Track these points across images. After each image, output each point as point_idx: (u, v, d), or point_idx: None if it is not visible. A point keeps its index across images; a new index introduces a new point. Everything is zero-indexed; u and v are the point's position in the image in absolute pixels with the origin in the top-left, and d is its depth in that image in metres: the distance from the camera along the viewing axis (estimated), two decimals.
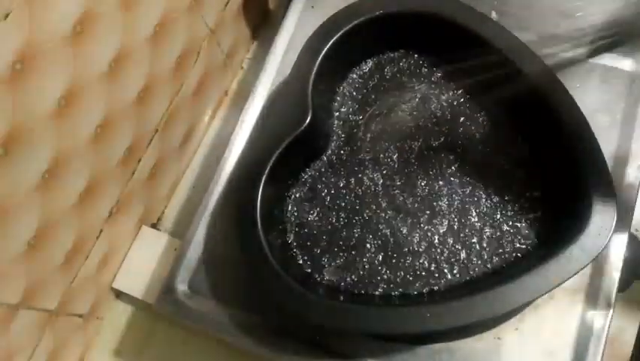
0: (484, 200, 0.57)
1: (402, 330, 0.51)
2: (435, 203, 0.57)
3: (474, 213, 0.56)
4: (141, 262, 0.68)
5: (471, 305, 0.49)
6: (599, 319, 0.53)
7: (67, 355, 0.64)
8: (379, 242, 0.57)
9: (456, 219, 0.56)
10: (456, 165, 0.58)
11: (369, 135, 0.60)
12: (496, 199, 0.57)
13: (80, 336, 0.66)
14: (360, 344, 0.55)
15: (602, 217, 0.49)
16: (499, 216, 0.56)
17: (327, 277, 0.56)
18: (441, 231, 0.56)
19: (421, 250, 0.56)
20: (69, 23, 0.48)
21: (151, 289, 0.65)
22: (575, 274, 0.48)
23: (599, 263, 0.54)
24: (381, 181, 0.59)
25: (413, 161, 0.59)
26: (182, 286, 0.58)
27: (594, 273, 0.54)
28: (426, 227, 0.57)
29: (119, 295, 0.70)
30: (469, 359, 0.53)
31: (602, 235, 0.49)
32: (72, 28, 0.48)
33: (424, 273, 0.55)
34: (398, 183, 0.58)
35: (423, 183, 0.58)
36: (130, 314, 0.70)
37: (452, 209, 0.57)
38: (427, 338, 0.54)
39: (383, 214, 0.57)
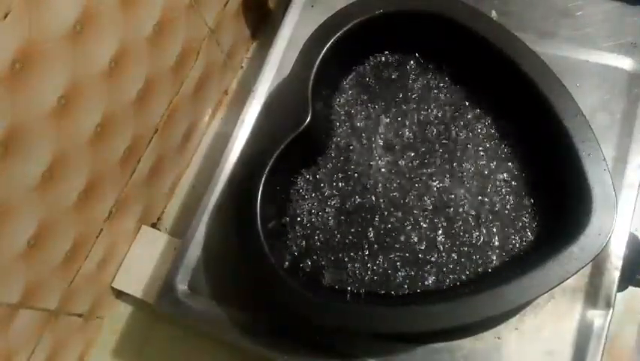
0: (484, 200, 0.57)
1: (402, 330, 0.51)
2: (435, 203, 0.57)
3: (474, 213, 0.56)
4: (141, 262, 0.68)
5: (471, 305, 0.49)
6: (598, 318, 0.53)
7: (67, 354, 0.64)
8: (379, 242, 0.56)
9: (456, 220, 0.56)
10: (455, 165, 0.58)
11: (369, 134, 0.60)
12: (495, 199, 0.57)
13: (80, 335, 0.66)
14: (360, 344, 0.55)
15: (602, 217, 0.49)
16: (498, 215, 0.56)
17: (327, 277, 0.56)
18: (441, 231, 0.56)
19: (421, 250, 0.56)
20: (69, 23, 0.48)
21: (151, 289, 0.66)
22: (575, 273, 0.48)
23: (599, 263, 0.54)
24: (381, 181, 0.59)
25: (413, 161, 0.59)
26: (181, 286, 0.58)
27: (594, 273, 0.54)
28: (426, 227, 0.57)
29: (118, 294, 0.70)
30: (469, 359, 0.53)
31: (602, 234, 0.49)
32: (72, 27, 0.48)
33: (424, 273, 0.55)
34: (398, 183, 0.58)
35: (423, 183, 0.58)
36: (130, 314, 0.70)
37: (452, 209, 0.57)
38: (427, 337, 0.54)
39: (383, 214, 0.57)
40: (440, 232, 0.56)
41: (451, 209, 0.57)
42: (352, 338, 0.55)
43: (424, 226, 0.57)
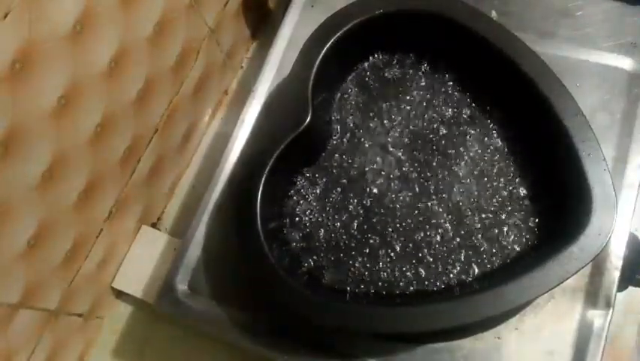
0: (484, 200, 0.57)
1: (401, 329, 0.51)
2: (435, 203, 0.57)
3: (474, 213, 0.56)
4: (141, 262, 0.68)
5: (471, 305, 0.49)
6: (598, 318, 0.53)
7: (67, 354, 0.64)
8: (379, 241, 0.57)
9: (456, 220, 0.56)
10: (455, 165, 0.58)
11: (369, 134, 0.60)
12: (495, 199, 0.57)
13: (80, 336, 0.66)
14: (360, 344, 0.55)
15: (602, 217, 0.49)
16: (498, 216, 0.56)
17: (327, 277, 0.56)
18: (441, 231, 0.56)
19: (421, 249, 0.56)
20: (69, 23, 0.48)
21: (151, 289, 0.66)
22: (575, 273, 0.48)
23: (598, 263, 0.54)
24: (381, 181, 0.59)
25: (412, 161, 0.59)
26: (181, 286, 0.58)
27: (594, 273, 0.54)
28: (426, 227, 0.57)
29: (118, 294, 0.70)
30: (469, 359, 0.53)
31: (602, 234, 0.49)
32: (72, 27, 0.48)
33: (424, 273, 0.55)
34: (398, 183, 0.58)
35: (423, 183, 0.58)
36: (130, 314, 0.70)
37: (452, 209, 0.57)
38: (426, 337, 0.54)
39: (382, 214, 0.57)
40: (440, 231, 0.56)
41: (451, 209, 0.57)
42: (352, 338, 0.55)
43: (424, 225, 0.57)
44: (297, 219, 0.58)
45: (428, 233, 0.56)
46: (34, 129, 0.48)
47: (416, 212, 0.57)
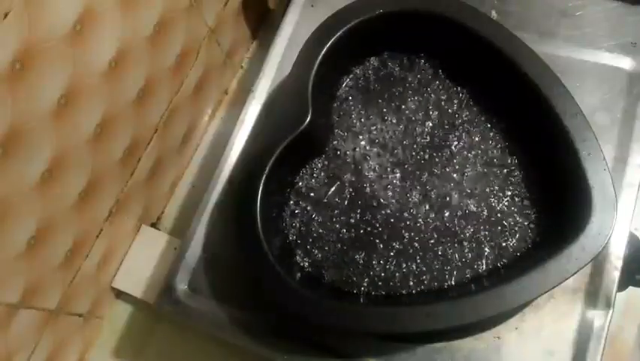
0: (483, 200, 0.57)
1: (401, 330, 0.51)
2: (435, 203, 0.57)
3: (474, 214, 0.56)
4: (141, 262, 0.68)
5: (471, 305, 0.49)
6: (598, 318, 0.53)
7: (67, 354, 0.64)
8: (379, 242, 0.57)
9: (455, 220, 0.56)
10: (455, 165, 0.58)
11: (369, 134, 0.60)
12: (495, 199, 0.57)
13: (80, 335, 0.66)
14: (360, 344, 0.55)
15: (602, 217, 0.49)
16: (498, 216, 0.56)
17: (327, 277, 0.56)
18: (441, 231, 0.56)
19: (421, 250, 0.56)
20: (69, 23, 0.48)
21: (151, 289, 0.66)
22: (575, 273, 0.48)
23: (599, 263, 0.54)
24: (381, 181, 0.59)
25: (413, 160, 0.59)
26: (182, 286, 0.58)
27: (594, 272, 0.54)
28: (426, 227, 0.57)
29: (118, 294, 0.70)
30: (469, 359, 0.54)
31: (602, 234, 0.49)
32: (72, 27, 0.48)
33: (423, 273, 0.55)
34: (398, 183, 0.58)
35: (422, 183, 0.58)
36: (130, 314, 0.70)
37: (452, 209, 0.57)
38: (426, 337, 0.54)
39: (382, 214, 0.57)
40: (440, 232, 0.56)
41: (451, 209, 0.57)
42: (352, 338, 0.55)
43: (424, 226, 0.57)
44: (297, 218, 0.58)
45: (428, 233, 0.56)
46: (35, 129, 0.48)
47: (415, 212, 0.57)
